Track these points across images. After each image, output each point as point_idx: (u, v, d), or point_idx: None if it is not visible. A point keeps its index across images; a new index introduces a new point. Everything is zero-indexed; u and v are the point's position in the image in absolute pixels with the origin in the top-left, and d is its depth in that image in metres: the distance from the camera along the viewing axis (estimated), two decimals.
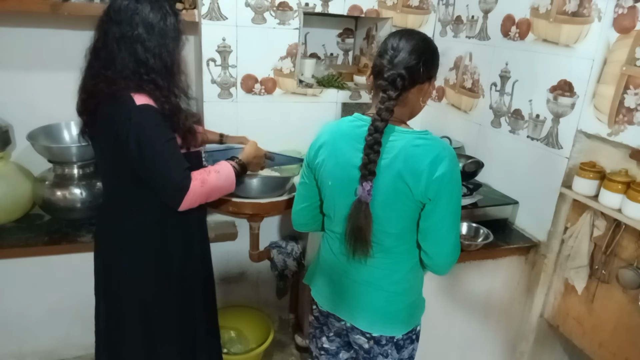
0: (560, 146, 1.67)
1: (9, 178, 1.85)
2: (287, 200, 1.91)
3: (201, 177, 1.33)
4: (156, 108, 1.28)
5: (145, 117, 1.26)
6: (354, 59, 2.60)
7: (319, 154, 1.27)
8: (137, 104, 1.25)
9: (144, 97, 1.27)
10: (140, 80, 1.27)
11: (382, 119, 1.12)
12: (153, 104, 1.28)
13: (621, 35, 1.43)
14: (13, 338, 2.20)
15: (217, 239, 2.10)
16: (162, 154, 1.27)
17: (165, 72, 1.30)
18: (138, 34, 1.25)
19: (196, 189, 1.30)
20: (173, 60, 1.33)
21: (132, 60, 1.26)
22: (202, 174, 1.34)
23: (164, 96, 1.30)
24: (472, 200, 1.87)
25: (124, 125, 1.24)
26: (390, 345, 1.30)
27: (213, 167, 1.41)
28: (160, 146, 1.26)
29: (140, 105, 1.25)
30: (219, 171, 1.41)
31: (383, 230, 1.21)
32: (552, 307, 1.81)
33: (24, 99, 1.97)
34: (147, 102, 1.27)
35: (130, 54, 1.26)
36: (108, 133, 1.29)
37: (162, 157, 1.27)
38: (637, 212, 1.39)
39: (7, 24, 1.88)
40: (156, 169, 1.27)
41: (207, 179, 1.34)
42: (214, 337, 1.71)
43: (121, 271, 1.42)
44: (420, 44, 1.16)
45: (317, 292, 1.41)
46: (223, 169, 1.43)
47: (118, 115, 1.26)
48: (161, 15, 1.28)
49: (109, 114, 1.28)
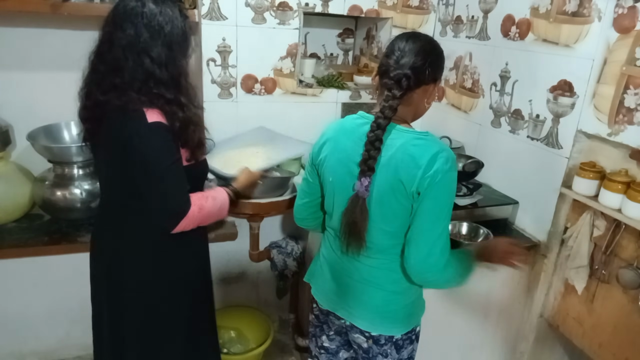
0: (560, 146, 1.67)
1: (9, 178, 1.85)
2: (288, 200, 1.91)
3: (200, 202, 1.30)
4: (167, 126, 1.24)
5: (155, 136, 1.22)
6: (354, 59, 2.60)
7: (322, 150, 1.28)
8: (149, 122, 1.21)
9: (156, 113, 1.23)
10: (151, 94, 1.22)
11: (385, 116, 1.13)
12: (164, 121, 1.24)
13: (621, 35, 1.43)
14: (13, 338, 2.21)
15: (217, 239, 2.10)
16: (166, 177, 1.24)
17: (172, 84, 1.26)
18: (144, 41, 1.20)
19: (194, 215, 1.27)
20: (180, 71, 1.28)
21: (141, 72, 1.21)
22: (201, 200, 1.31)
23: (174, 111, 1.26)
24: (472, 200, 1.87)
25: (132, 141, 1.21)
26: (389, 345, 1.30)
27: (210, 193, 1.37)
28: (165, 168, 1.23)
29: (151, 123, 1.21)
30: (216, 198, 1.37)
31: (380, 228, 1.21)
32: (552, 307, 1.81)
33: (24, 99, 1.97)
34: (158, 118, 1.23)
35: (138, 64, 1.20)
36: (115, 145, 1.26)
37: (165, 179, 1.24)
38: (637, 212, 1.39)
39: (7, 24, 1.88)
40: (157, 191, 1.25)
41: (204, 206, 1.31)
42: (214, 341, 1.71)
43: (128, 278, 1.39)
44: (427, 45, 1.18)
45: (317, 290, 1.42)
46: (219, 196, 1.39)
47: (127, 130, 1.22)
48: (168, 19, 1.22)
49: (117, 127, 1.24)
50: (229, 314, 2.41)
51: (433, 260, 1.17)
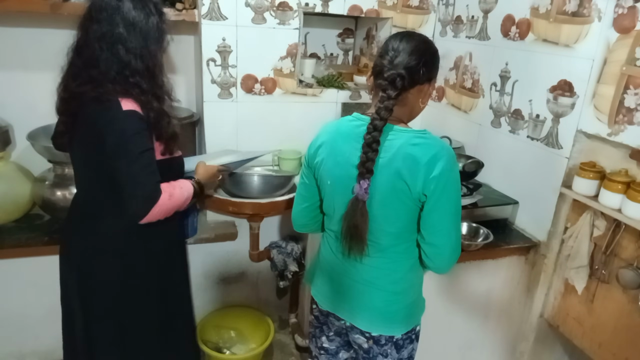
0: (560, 146, 1.67)
1: (9, 178, 1.85)
2: (287, 200, 1.91)
3: (170, 190, 1.30)
4: (141, 115, 1.26)
5: (129, 123, 1.24)
6: (354, 59, 2.60)
7: (318, 153, 1.27)
8: (124, 109, 1.24)
9: (131, 102, 1.26)
10: (126, 83, 1.25)
11: (381, 117, 1.13)
12: (139, 110, 1.26)
13: (621, 35, 1.43)
14: (13, 338, 2.20)
15: (217, 239, 2.10)
16: (137, 163, 1.25)
17: (148, 75, 1.29)
18: (119, 33, 1.23)
19: (164, 202, 1.27)
20: (155, 62, 1.31)
21: (116, 62, 1.24)
22: (170, 188, 1.31)
23: (149, 101, 1.28)
24: (472, 200, 1.87)
25: (107, 128, 1.23)
26: (389, 345, 1.30)
27: (177, 183, 1.37)
28: (137, 155, 1.24)
29: (126, 111, 1.24)
30: (182, 188, 1.37)
31: (381, 229, 1.21)
32: (552, 307, 1.81)
33: (24, 99, 1.97)
34: (133, 107, 1.25)
35: (113, 55, 1.24)
36: (91, 135, 1.27)
37: (136, 165, 1.25)
38: (637, 212, 1.39)
39: (7, 24, 1.88)
40: (128, 177, 1.25)
41: (174, 193, 1.31)
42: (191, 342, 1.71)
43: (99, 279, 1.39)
44: (421, 45, 1.17)
45: (317, 291, 1.41)
46: (185, 186, 1.38)
47: (102, 119, 1.24)
48: (144, 14, 1.26)
49: (93, 117, 1.26)
50: (229, 314, 2.41)
51: (458, 252, 1.25)
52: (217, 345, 2.30)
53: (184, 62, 2.19)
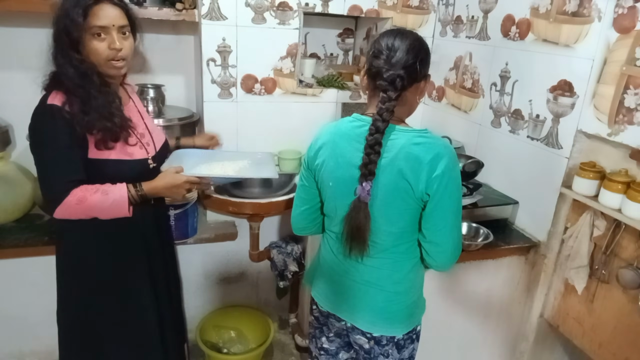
0: (560, 146, 1.67)
1: (9, 178, 1.85)
2: (287, 200, 1.91)
3: (81, 194, 1.25)
4: (65, 110, 1.24)
5: (45, 118, 1.25)
6: (354, 59, 2.59)
7: (318, 155, 1.27)
8: (46, 103, 1.25)
9: (60, 96, 1.26)
10: (58, 76, 1.27)
11: (384, 119, 1.12)
12: (65, 104, 1.24)
13: (621, 35, 1.43)
14: (13, 338, 2.20)
15: (217, 239, 2.10)
16: (48, 160, 1.25)
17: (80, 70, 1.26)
18: (55, 28, 1.27)
19: (70, 205, 1.24)
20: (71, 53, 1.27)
21: (51, 55, 1.28)
22: (85, 192, 1.26)
23: (79, 96, 1.26)
24: (472, 200, 1.87)
25: (30, 124, 1.27)
26: (390, 345, 1.30)
27: (104, 187, 1.29)
28: (49, 151, 1.24)
29: (47, 105, 1.24)
30: (108, 193, 1.28)
31: (383, 230, 1.21)
32: (552, 307, 1.81)
33: (24, 99, 1.95)
34: (58, 101, 1.24)
35: (56, 51, 1.28)
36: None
37: (47, 162, 1.25)
38: (637, 212, 1.39)
39: (7, 24, 1.88)
40: (39, 173, 1.28)
41: (86, 198, 1.25)
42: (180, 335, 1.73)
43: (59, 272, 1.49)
44: (415, 43, 1.16)
45: (318, 292, 1.41)
46: (114, 193, 1.29)
47: (32, 113, 1.28)
48: (64, 9, 1.26)
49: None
50: (229, 314, 2.41)
51: (459, 250, 1.26)
52: (217, 345, 2.30)
53: (184, 62, 2.19)
